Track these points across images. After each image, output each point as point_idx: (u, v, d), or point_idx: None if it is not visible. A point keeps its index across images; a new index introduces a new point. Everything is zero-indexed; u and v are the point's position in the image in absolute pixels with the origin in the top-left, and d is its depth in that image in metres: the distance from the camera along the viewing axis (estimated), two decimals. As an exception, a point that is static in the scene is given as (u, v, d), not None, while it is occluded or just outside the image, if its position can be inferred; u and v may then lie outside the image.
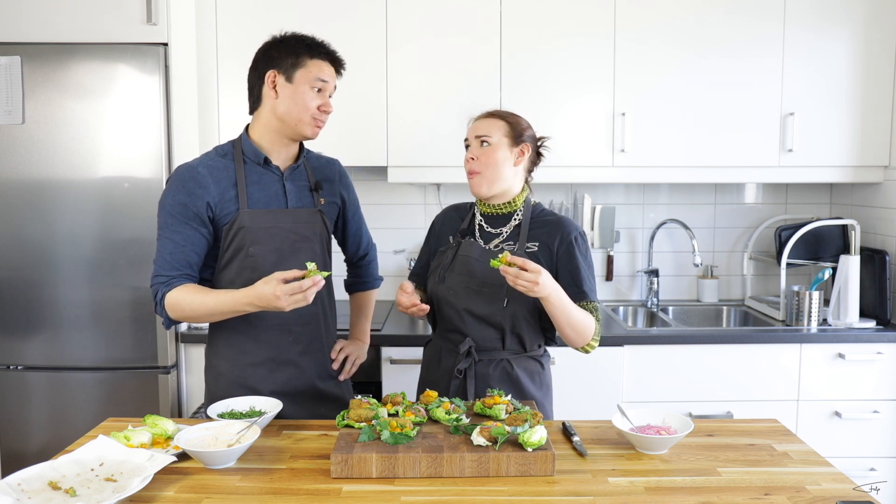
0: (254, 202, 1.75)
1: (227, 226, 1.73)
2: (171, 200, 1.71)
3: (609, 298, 3.18)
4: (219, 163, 1.76)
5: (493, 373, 1.80)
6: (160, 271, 1.71)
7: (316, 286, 1.56)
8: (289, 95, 1.73)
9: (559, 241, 1.79)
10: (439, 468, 1.40)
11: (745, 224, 3.18)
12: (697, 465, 1.47)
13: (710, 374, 2.57)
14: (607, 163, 2.77)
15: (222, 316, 1.69)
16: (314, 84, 1.73)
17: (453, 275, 1.81)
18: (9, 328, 2.53)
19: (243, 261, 1.74)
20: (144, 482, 1.28)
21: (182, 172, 1.74)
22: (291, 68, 1.73)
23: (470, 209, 1.92)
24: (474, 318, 1.79)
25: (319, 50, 1.76)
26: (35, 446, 2.54)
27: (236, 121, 2.73)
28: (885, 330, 2.62)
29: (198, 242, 1.72)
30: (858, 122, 2.76)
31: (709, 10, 2.71)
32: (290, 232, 1.77)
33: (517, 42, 2.72)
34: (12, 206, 2.49)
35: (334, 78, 1.79)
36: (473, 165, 1.79)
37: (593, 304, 1.78)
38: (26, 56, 2.45)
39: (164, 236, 1.72)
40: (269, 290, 1.55)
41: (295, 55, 1.73)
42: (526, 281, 1.59)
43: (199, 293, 1.68)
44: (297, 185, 1.82)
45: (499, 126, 1.79)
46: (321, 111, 1.75)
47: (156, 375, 2.53)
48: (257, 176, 1.77)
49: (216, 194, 1.72)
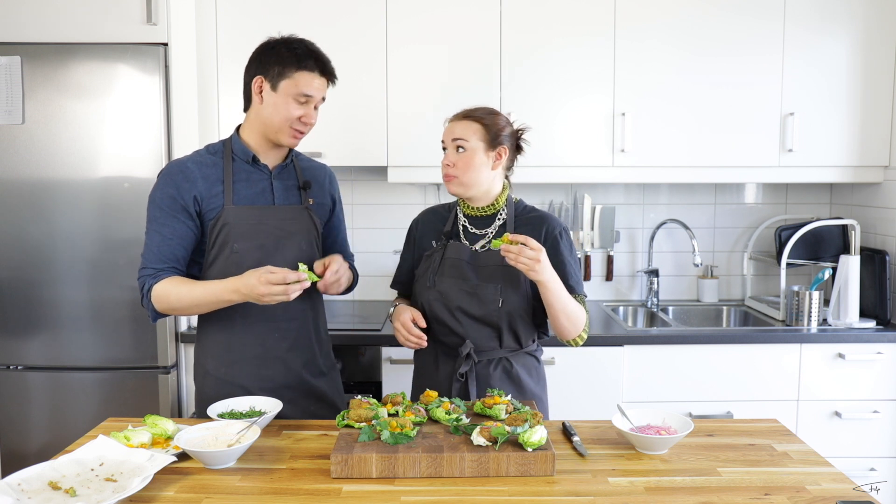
0: (240, 199, 1.77)
1: (213, 222, 1.75)
2: (159, 194, 1.74)
3: (609, 298, 3.18)
4: (208, 159, 1.78)
5: (494, 373, 1.81)
6: (147, 264, 1.73)
7: (300, 285, 1.58)
8: (272, 104, 1.73)
9: (544, 236, 1.80)
10: (439, 468, 1.40)
11: (745, 224, 3.18)
12: (697, 465, 1.47)
13: (710, 374, 2.57)
14: (607, 163, 2.77)
15: (208, 306, 1.71)
16: (297, 97, 1.72)
17: (444, 278, 1.80)
18: (9, 328, 2.53)
19: (228, 257, 1.75)
20: (144, 482, 1.28)
21: (171, 167, 1.77)
22: (277, 77, 1.72)
23: (451, 211, 1.90)
24: (470, 319, 1.79)
25: (308, 61, 1.72)
26: (35, 446, 2.54)
27: (236, 121, 2.70)
28: (885, 330, 2.62)
29: (185, 236, 1.74)
30: (858, 122, 2.76)
31: (708, 9, 2.71)
32: (276, 229, 1.78)
33: (517, 42, 2.71)
34: (12, 206, 2.49)
35: (323, 90, 1.76)
36: (450, 171, 1.77)
37: (581, 297, 1.80)
38: (26, 56, 2.45)
39: (153, 229, 1.74)
40: (255, 279, 1.58)
41: (282, 65, 1.72)
42: (528, 258, 1.60)
43: (185, 284, 1.70)
44: (284, 184, 1.84)
45: (475, 129, 1.76)
46: (302, 122, 1.74)
47: (156, 375, 2.53)
48: (245, 174, 1.79)
49: (203, 189, 1.74)
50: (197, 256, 1.79)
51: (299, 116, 1.73)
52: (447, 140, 1.79)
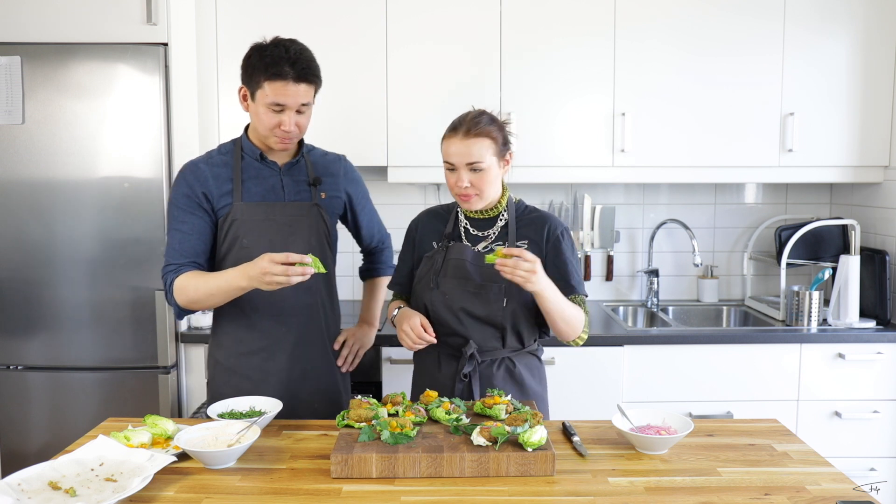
0: (250, 196, 1.81)
1: (223, 219, 1.80)
2: (175, 194, 1.81)
3: (609, 298, 3.18)
4: (219, 159, 1.84)
5: (497, 373, 1.81)
6: (170, 260, 1.79)
7: (303, 275, 1.57)
8: (254, 112, 1.78)
9: (546, 236, 1.80)
10: (439, 468, 1.40)
11: (745, 224, 3.17)
12: (697, 465, 1.47)
13: (710, 374, 2.57)
14: (607, 163, 2.76)
15: (223, 295, 1.73)
16: (271, 106, 1.72)
17: (447, 279, 1.80)
18: (9, 328, 2.53)
19: (238, 252, 1.79)
20: (144, 482, 1.28)
21: (185, 168, 1.84)
22: (253, 87, 1.75)
23: (450, 212, 1.89)
24: (474, 320, 1.79)
25: (279, 68, 1.68)
26: (35, 446, 2.54)
27: (236, 121, 2.72)
28: (885, 330, 2.62)
29: (203, 230, 1.80)
30: (858, 122, 2.76)
31: (708, 9, 2.71)
32: (284, 224, 1.82)
33: (517, 42, 2.71)
34: (12, 206, 2.49)
35: (300, 95, 1.72)
36: (469, 191, 1.72)
37: (581, 298, 1.80)
38: (26, 56, 2.45)
39: (173, 227, 1.80)
40: (261, 263, 1.59)
41: (255, 74, 1.72)
42: (524, 271, 1.59)
43: (202, 276, 1.75)
44: (295, 180, 1.86)
45: (487, 146, 1.70)
46: (282, 130, 1.75)
47: (156, 375, 2.53)
48: (255, 171, 1.83)
49: (213, 187, 1.80)
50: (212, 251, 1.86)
51: (277, 124, 1.74)
52: (459, 163, 1.70)
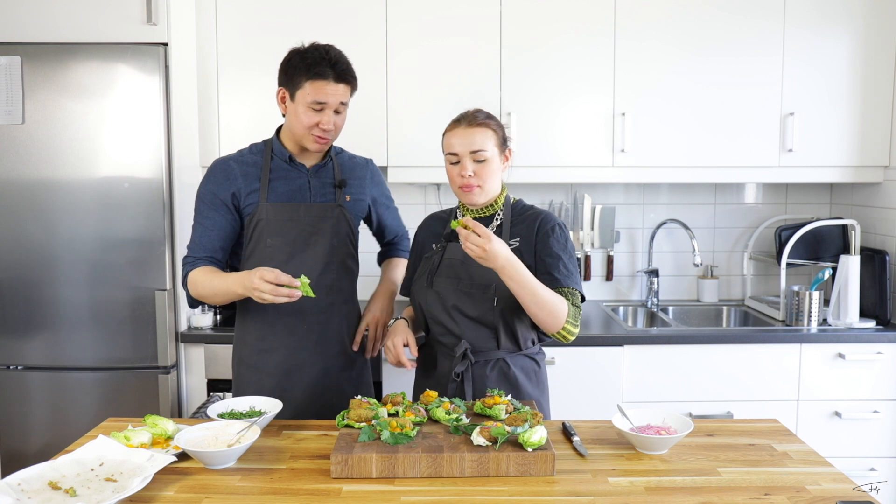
0: (277, 196, 1.86)
1: (249, 218, 1.85)
2: (203, 189, 1.87)
3: (609, 298, 3.18)
4: (249, 158, 1.89)
5: (490, 374, 1.80)
6: (190, 253, 1.86)
7: (289, 297, 1.63)
8: (292, 112, 1.82)
9: (536, 231, 1.79)
10: (439, 468, 1.40)
11: (745, 224, 3.18)
12: (697, 465, 1.47)
13: (710, 374, 2.57)
14: (607, 163, 2.77)
15: (224, 296, 1.79)
16: (312, 105, 1.78)
17: (441, 278, 1.81)
18: (9, 328, 2.53)
19: (262, 251, 1.85)
20: (144, 482, 1.28)
21: (215, 164, 1.89)
22: (294, 87, 1.80)
23: (450, 214, 1.91)
24: (466, 319, 1.79)
25: (320, 68, 1.76)
26: (35, 446, 2.54)
27: (236, 121, 2.74)
28: (885, 330, 2.62)
29: (224, 228, 1.85)
30: (858, 122, 2.76)
31: (709, 9, 2.71)
32: (307, 225, 1.87)
33: (517, 42, 2.71)
34: (12, 206, 2.49)
35: (339, 94, 1.79)
36: (471, 181, 1.74)
37: (570, 290, 1.74)
38: (26, 56, 2.45)
39: (197, 221, 1.87)
40: (253, 278, 1.63)
41: (297, 75, 1.78)
42: (474, 244, 1.58)
43: (210, 274, 1.80)
44: (321, 182, 1.91)
45: (489, 136, 1.73)
46: (321, 129, 1.80)
47: (156, 375, 2.53)
48: (284, 172, 1.88)
49: (242, 186, 1.85)
50: (238, 248, 1.91)
51: (317, 123, 1.79)
52: (462, 151, 1.72)
